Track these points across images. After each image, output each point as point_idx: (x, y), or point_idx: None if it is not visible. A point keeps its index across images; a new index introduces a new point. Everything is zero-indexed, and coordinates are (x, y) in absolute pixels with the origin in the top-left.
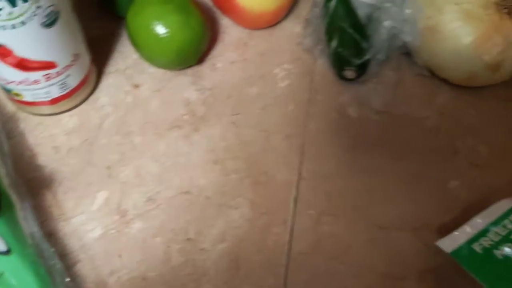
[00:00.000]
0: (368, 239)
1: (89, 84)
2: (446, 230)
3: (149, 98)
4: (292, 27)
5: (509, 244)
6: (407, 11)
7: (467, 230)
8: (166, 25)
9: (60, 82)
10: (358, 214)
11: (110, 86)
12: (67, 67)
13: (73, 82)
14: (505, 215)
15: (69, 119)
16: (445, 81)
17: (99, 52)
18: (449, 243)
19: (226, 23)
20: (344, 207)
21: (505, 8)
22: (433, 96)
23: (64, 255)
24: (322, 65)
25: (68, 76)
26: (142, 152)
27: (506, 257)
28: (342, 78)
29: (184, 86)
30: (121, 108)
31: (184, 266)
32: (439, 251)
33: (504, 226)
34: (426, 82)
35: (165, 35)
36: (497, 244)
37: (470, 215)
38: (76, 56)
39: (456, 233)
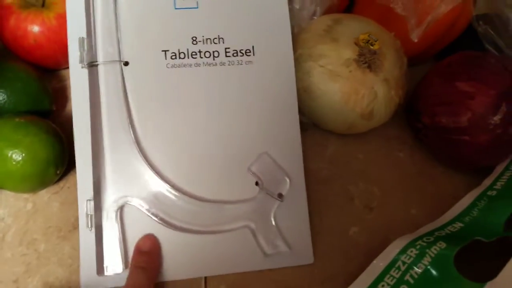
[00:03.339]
0: None
1: None
2: (352, 279)
3: (49, 201)
4: None
5: (404, 286)
6: None
7: (365, 278)
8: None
9: None
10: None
11: (8, 197)
12: None
13: None
14: (398, 256)
15: None
16: (331, 132)
17: None
18: None
19: None
20: None
21: (364, 63)
22: (323, 148)
23: None
24: None
25: None
26: (48, 259)
27: None
28: None
29: None
30: (21, 217)
31: None
32: None
33: (399, 268)
34: (315, 136)
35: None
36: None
37: (373, 259)
38: None
39: (356, 282)
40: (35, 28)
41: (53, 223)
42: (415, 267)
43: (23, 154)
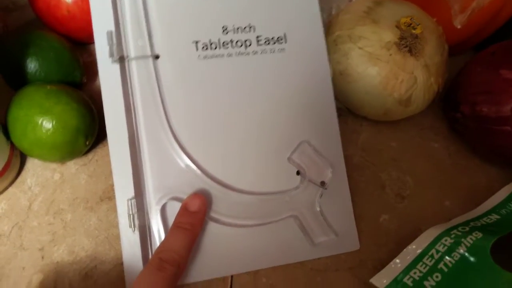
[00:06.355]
0: (306, 283)
1: (12, 168)
2: (382, 265)
3: (77, 173)
4: None
5: (437, 274)
6: None
7: (397, 264)
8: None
9: None
10: None
11: (36, 166)
12: None
13: None
14: (431, 245)
15: None
16: (365, 118)
17: None
18: (382, 279)
19: None
20: None
21: (405, 47)
22: (356, 134)
23: None
24: None
25: None
26: (74, 229)
27: None
28: None
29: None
30: (49, 187)
31: None
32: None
33: (432, 256)
34: (348, 121)
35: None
36: (426, 275)
37: (403, 247)
38: None
39: (387, 268)
40: None
41: (80, 195)
42: (449, 256)
43: (54, 122)
